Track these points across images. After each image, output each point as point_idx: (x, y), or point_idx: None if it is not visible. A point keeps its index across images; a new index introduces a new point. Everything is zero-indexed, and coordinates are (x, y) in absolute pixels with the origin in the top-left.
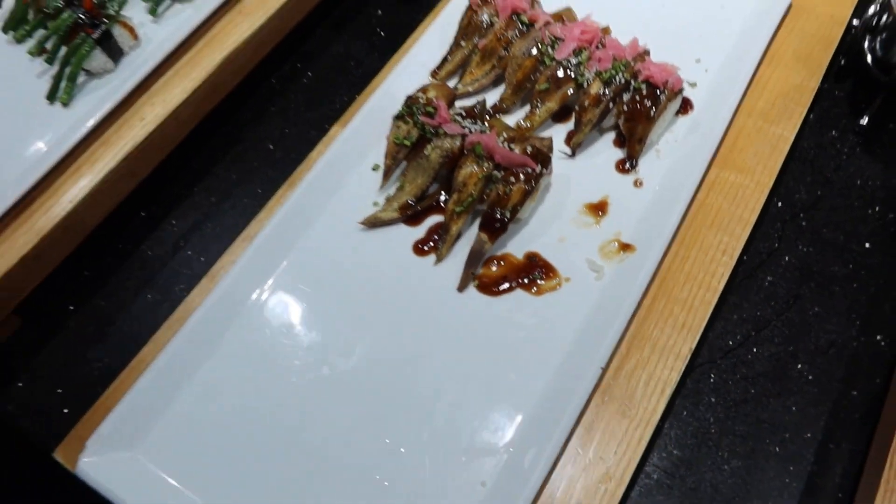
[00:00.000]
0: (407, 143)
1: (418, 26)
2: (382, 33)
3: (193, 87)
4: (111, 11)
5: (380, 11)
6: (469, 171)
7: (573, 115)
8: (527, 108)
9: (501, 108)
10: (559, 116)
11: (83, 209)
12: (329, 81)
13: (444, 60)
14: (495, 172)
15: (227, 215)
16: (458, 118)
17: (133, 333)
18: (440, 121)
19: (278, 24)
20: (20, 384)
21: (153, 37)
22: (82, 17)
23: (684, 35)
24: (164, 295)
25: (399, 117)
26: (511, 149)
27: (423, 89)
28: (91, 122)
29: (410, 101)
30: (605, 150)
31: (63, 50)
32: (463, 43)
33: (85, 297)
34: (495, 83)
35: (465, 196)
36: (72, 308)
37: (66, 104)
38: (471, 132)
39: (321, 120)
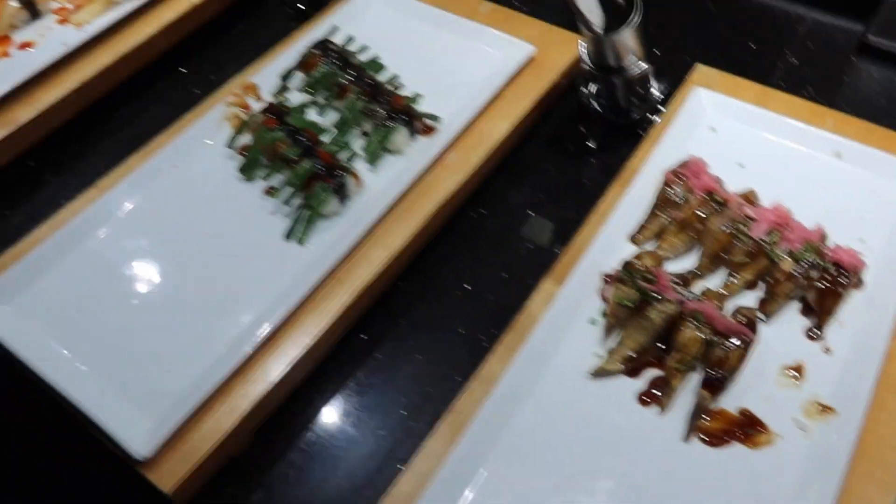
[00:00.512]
0: (629, 304)
1: (606, 189)
2: (558, 188)
3: (411, 233)
4: (343, 163)
5: (553, 168)
6: (691, 336)
7: (761, 284)
8: (719, 273)
9: (698, 275)
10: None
11: (321, 340)
12: (511, 229)
13: (643, 227)
14: (714, 338)
15: (437, 353)
16: (673, 284)
17: (362, 456)
18: (660, 288)
19: (475, 178)
20: (254, 499)
21: (372, 185)
22: (320, 167)
23: (846, 216)
24: (386, 421)
25: (619, 280)
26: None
27: (639, 256)
28: (329, 262)
29: (629, 268)
30: (793, 317)
31: (293, 192)
32: (659, 212)
33: (312, 416)
34: (687, 248)
35: (686, 357)
36: (297, 426)
37: (302, 244)
38: (688, 299)
39: (506, 264)
